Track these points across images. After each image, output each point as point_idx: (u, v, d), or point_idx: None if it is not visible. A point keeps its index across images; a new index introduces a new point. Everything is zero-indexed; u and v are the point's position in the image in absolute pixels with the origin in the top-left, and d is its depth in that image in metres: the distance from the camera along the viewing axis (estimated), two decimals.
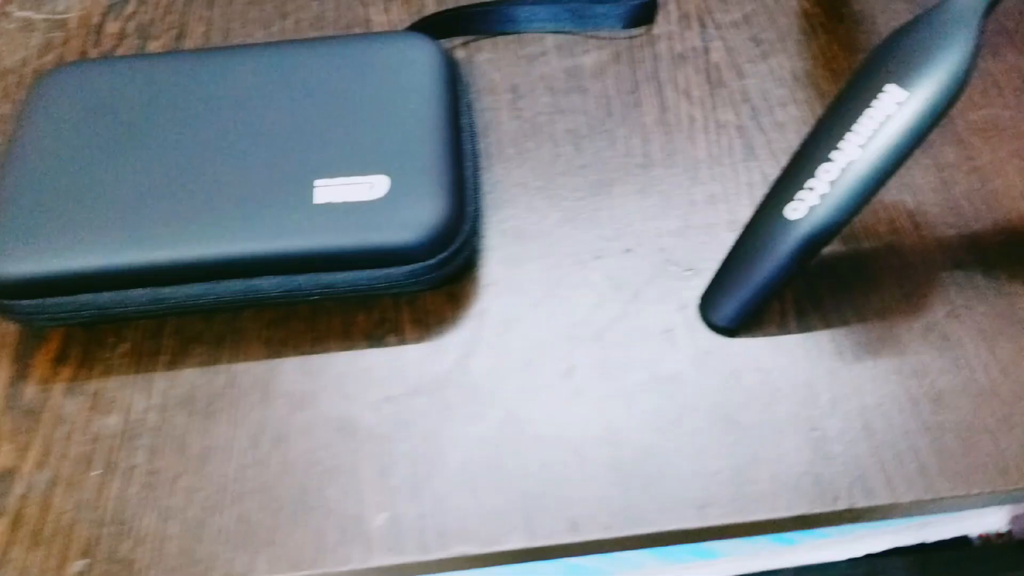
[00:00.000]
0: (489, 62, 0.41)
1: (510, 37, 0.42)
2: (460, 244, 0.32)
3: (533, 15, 0.42)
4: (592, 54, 0.41)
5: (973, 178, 0.36)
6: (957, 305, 0.33)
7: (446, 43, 0.41)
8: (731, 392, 0.31)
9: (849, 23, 0.42)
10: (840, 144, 0.30)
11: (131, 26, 0.43)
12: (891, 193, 0.36)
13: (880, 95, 0.29)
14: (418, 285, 0.32)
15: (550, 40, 0.42)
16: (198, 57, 0.36)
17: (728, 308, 0.32)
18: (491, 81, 0.40)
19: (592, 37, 0.42)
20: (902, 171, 0.36)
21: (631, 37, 0.42)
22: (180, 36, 0.43)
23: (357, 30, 0.42)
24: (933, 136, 0.37)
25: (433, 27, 0.40)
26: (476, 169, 0.34)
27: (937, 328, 0.33)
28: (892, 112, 0.29)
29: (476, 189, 0.34)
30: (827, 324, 0.33)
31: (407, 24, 0.42)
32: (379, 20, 0.43)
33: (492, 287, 0.34)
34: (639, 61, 0.41)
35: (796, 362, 0.32)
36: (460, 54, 0.41)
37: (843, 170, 0.30)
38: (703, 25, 0.42)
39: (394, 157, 0.32)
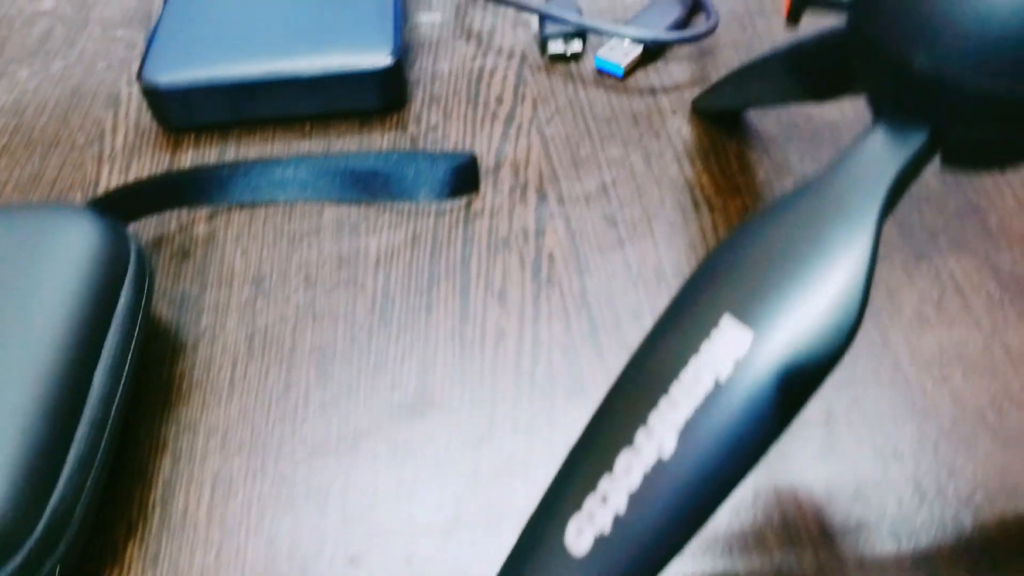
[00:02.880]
0: (236, 240, 0.29)
1: (280, 206, 0.30)
2: (27, 560, 0.19)
3: (306, 181, 0.30)
4: (383, 234, 0.29)
5: (925, 452, 0.23)
6: None
7: (185, 213, 0.30)
8: None
9: (748, 195, 0.30)
10: (648, 419, 0.17)
11: None
12: (789, 470, 0.22)
13: (711, 335, 0.17)
14: None
15: (331, 213, 0.30)
16: None
17: None
18: (229, 269, 0.28)
19: (389, 210, 0.30)
20: (807, 441, 0.23)
21: (441, 213, 0.30)
22: None
23: (78, 196, 0.31)
24: (854, 371, 0.24)
25: (138, 199, 0.29)
26: (105, 426, 0.21)
27: None
28: (727, 370, 0.16)
29: (93, 458, 0.21)
30: None
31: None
32: (115, 182, 0.32)
33: None
34: (445, 245, 0.29)
35: None
36: (200, 229, 0.30)
37: (648, 475, 0.17)
38: (543, 197, 0.30)
39: None
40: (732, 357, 0.16)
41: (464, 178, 0.30)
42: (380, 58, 0.32)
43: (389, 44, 0.33)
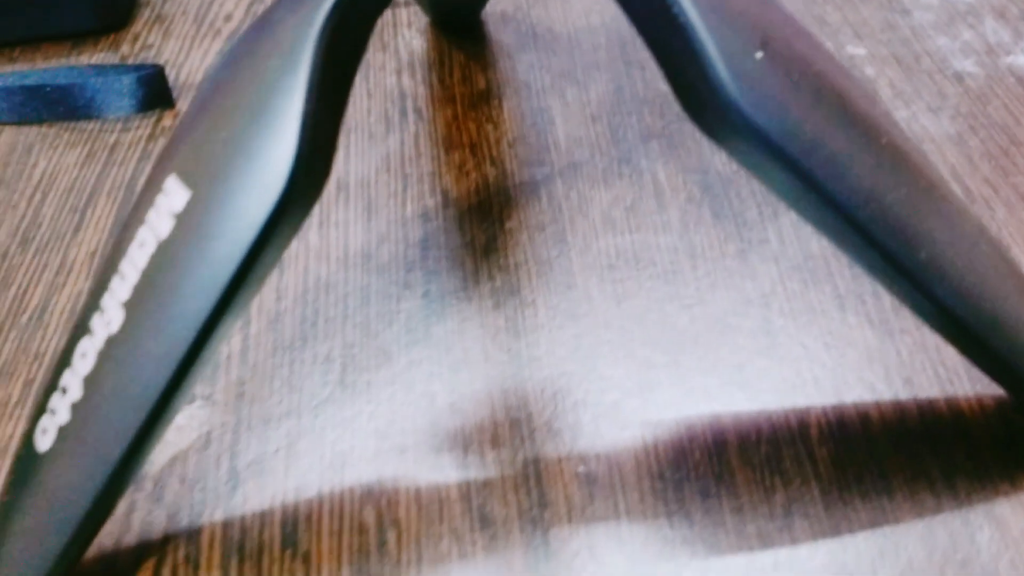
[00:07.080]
0: None
1: None
2: None
3: None
4: (56, 154, 0.26)
5: (577, 358, 0.20)
6: None
7: None
8: None
9: (462, 104, 0.27)
10: (101, 303, 0.15)
11: None
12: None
13: (156, 202, 0.14)
14: None
15: (8, 136, 0.27)
16: None
17: None
18: None
19: (72, 130, 0.27)
20: None
21: (127, 130, 0.27)
22: None
23: None
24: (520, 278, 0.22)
25: None
26: None
27: None
28: (168, 233, 0.14)
29: None
30: None
31: None
32: None
33: None
34: (118, 163, 0.26)
35: None
36: None
37: (101, 353, 0.14)
38: None
39: None
40: (173, 216, 0.14)
41: (154, 91, 0.27)
42: None
43: None
